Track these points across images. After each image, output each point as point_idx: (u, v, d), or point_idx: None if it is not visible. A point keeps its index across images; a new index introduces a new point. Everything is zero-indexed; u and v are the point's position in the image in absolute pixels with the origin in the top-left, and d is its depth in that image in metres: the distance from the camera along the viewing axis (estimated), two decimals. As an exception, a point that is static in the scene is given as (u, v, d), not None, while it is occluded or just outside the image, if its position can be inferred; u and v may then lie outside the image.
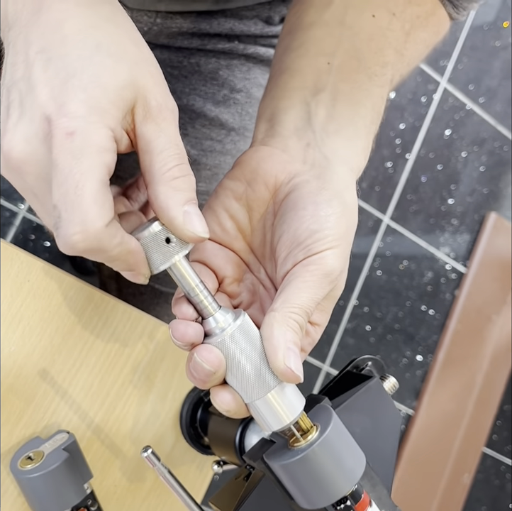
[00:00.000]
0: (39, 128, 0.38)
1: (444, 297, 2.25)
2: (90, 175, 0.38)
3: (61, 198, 0.38)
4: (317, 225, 0.47)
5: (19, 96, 0.40)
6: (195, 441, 0.69)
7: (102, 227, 0.38)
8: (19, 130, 0.39)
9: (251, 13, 0.82)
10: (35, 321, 0.62)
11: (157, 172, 0.41)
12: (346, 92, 0.55)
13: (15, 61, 0.41)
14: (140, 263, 0.42)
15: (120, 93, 0.39)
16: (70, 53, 0.39)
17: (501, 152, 2.34)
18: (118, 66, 0.40)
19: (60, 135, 0.37)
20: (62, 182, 0.37)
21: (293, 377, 0.44)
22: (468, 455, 2.25)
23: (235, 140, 0.87)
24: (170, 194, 0.41)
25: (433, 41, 0.66)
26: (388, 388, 0.58)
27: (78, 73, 0.39)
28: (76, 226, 0.37)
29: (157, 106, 0.41)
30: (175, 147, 0.42)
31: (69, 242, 0.38)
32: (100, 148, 0.38)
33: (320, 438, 0.46)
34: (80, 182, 0.37)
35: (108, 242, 0.39)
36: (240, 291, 0.52)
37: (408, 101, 2.17)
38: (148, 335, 0.67)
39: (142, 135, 0.41)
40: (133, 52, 0.42)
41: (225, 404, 0.46)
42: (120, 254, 0.40)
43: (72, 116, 0.38)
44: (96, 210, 0.38)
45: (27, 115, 0.39)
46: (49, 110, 0.38)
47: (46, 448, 0.60)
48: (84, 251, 0.39)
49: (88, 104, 0.38)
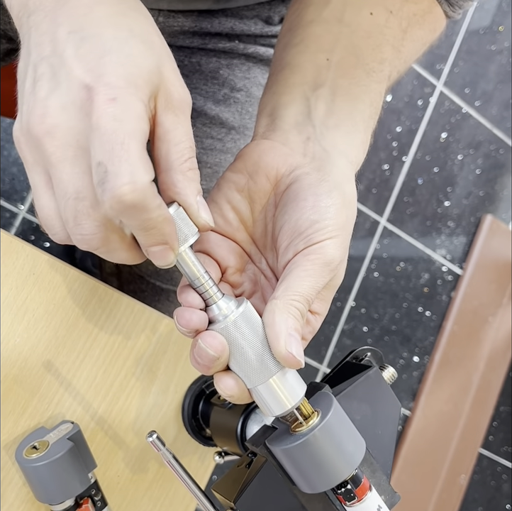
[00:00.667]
0: (77, 96, 0.39)
1: (441, 299, 2.26)
2: (133, 136, 0.39)
3: (106, 154, 0.38)
4: (317, 215, 0.49)
5: (51, 70, 0.41)
6: (197, 433, 0.70)
7: (148, 181, 0.39)
8: (54, 98, 0.40)
9: (251, 12, 0.83)
10: (40, 313, 0.63)
11: (175, 161, 0.43)
12: (345, 88, 0.56)
13: (41, 41, 0.42)
14: (174, 235, 0.43)
15: (151, 76, 0.41)
16: (105, 33, 0.41)
17: (497, 155, 2.36)
18: (149, 52, 0.41)
19: (102, 100, 0.39)
20: (106, 141, 0.38)
21: (295, 362, 0.46)
22: (464, 456, 2.26)
23: (236, 139, 0.88)
24: (187, 183, 0.43)
25: (430, 39, 0.67)
26: (387, 378, 0.59)
27: (114, 51, 0.40)
28: (125, 176, 0.38)
29: (179, 98, 0.43)
30: (190, 140, 0.43)
31: (117, 194, 0.38)
32: (139, 116, 0.39)
33: (321, 423, 0.47)
34: (126, 139, 0.38)
35: (151, 200, 0.39)
36: (242, 281, 0.53)
37: (404, 104, 2.19)
38: (151, 328, 0.68)
39: (162, 123, 0.42)
40: (159, 44, 0.43)
41: (229, 390, 0.47)
42: (158, 219, 0.41)
43: (113, 85, 0.39)
44: (143, 164, 0.39)
45: (63, 85, 0.40)
46: (87, 79, 0.39)
47: (51, 437, 0.61)
48: (130, 205, 0.39)
49: (126, 78, 0.39)
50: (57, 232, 0.44)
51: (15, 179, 1.64)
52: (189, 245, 0.45)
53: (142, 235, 0.42)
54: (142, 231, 0.41)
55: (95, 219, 0.41)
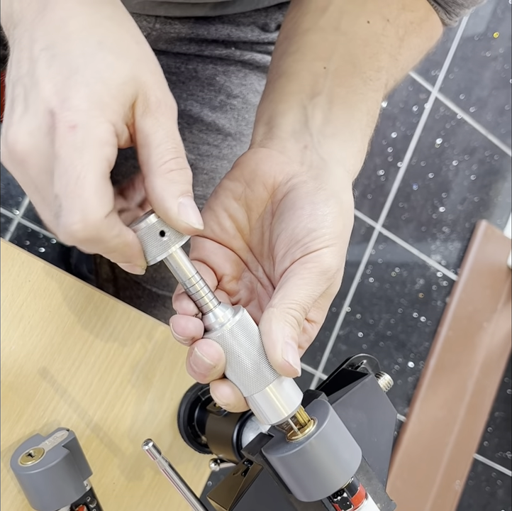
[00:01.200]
0: (42, 122, 0.39)
1: (436, 304, 2.26)
2: (91, 167, 0.39)
3: (62, 188, 0.39)
4: (314, 224, 0.49)
5: (24, 91, 0.41)
6: (192, 440, 0.70)
7: (101, 217, 0.39)
8: (23, 124, 0.40)
9: (248, 19, 0.84)
10: (36, 320, 0.63)
11: (154, 164, 0.42)
12: (342, 96, 0.56)
13: (20, 57, 0.42)
14: (137, 255, 0.43)
15: (121, 88, 0.40)
16: (73, 50, 0.41)
17: (492, 161, 2.36)
18: (120, 62, 0.41)
19: (63, 128, 0.39)
20: (63, 173, 0.38)
21: (291, 370, 0.46)
22: (459, 462, 2.26)
23: (232, 145, 0.88)
24: (166, 185, 0.42)
25: (426, 46, 0.67)
26: (383, 385, 0.59)
27: (81, 69, 0.40)
28: (76, 214, 0.38)
29: (156, 101, 0.42)
30: (172, 141, 0.43)
31: (69, 231, 0.39)
32: (101, 142, 0.39)
33: (317, 431, 0.47)
34: (82, 173, 0.38)
35: (106, 233, 0.40)
36: (239, 289, 0.53)
37: (399, 110, 2.19)
38: (147, 335, 0.68)
39: (141, 129, 0.42)
40: (134, 50, 0.43)
41: (225, 398, 0.47)
42: (117, 246, 0.41)
43: (75, 109, 0.39)
44: (97, 200, 0.39)
45: (31, 109, 0.40)
46: (52, 104, 0.39)
47: (46, 445, 0.61)
48: (83, 240, 0.40)
49: (90, 99, 0.39)
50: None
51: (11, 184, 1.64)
52: (179, 246, 0.45)
53: (106, 255, 0.43)
54: (104, 253, 0.42)
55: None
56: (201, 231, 0.44)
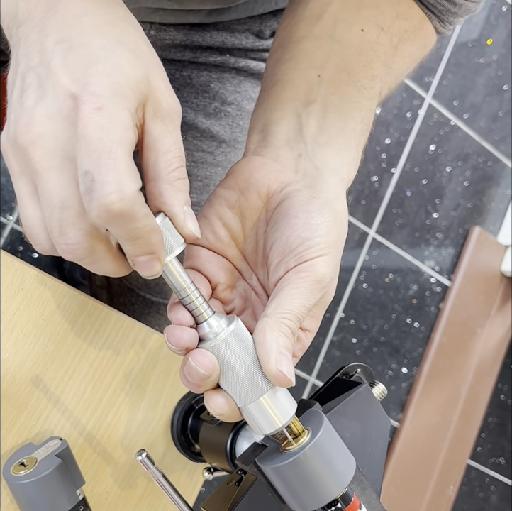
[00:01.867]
0: (63, 105, 0.39)
1: (429, 310, 2.26)
2: (120, 144, 0.39)
3: (93, 163, 0.38)
4: (308, 233, 0.49)
5: (38, 79, 0.41)
6: (186, 449, 0.69)
7: (136, 190, 0.39)
8: (41, 108, 0.40)
9: (242, 26, 0.84)
10: (29, 328, 0.62)
11: (163, 170, 0.42)
12: (336, 104, 0.56)
13: (29, 51, 0.42)
14: (161, 245, 0.42)
15: (138, 85, 0.41)
16: (92, 42, 0.41)
17: (485, 167, 2.37)
18: (137, 61, 0.41)
19: (88, 109, 0.38)
20: (93, 150, 0.38)
21: (286, 380, 0.45)
22: (453, 468, 2.26)
23: (226, 152, 0.88)
24: (174, 193, 0.43)
25: (420, 54, 0.68)
26: (377, 394, 0.59)
27: (101, 60, 0.40)
28: (112, 185, 0.38)
29: (167, 108, 0.43)
30: (179, 149, 0.43)
31: (105, 202, 0.38)
32: (125, 125, 0.39)
33: (311, 441, 0.47)
34: (112, 148, 0.38)
35: (138, 209, 0.39)
36: (233, 297, 0.53)
37: (393, 116, 2.20)
38: (140, 343, 0.68)
39: (150, 132, 0.42)
40: (148, 54, 0.43)
41: (219, 408, 0.47)
42: (145, 228, 0.40)
43: (98, 94, 0.39)
44: (130, 173, 0.39)
45: (49, 94, 0.40)
46: (73, 89, 0.39)
47: (39, 454, 0.60)
48: (117, 214, 0.38)
49: (112, 87, 0.39)
50: (41, 242, 0.44)
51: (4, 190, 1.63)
52: (175, 256, 0.45)
53: (129, 245, 0.41)
54: (128, 241, 0.41)
55: (80, 228, 0.40)
56: (199, 238, 0.45)
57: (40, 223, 0.43)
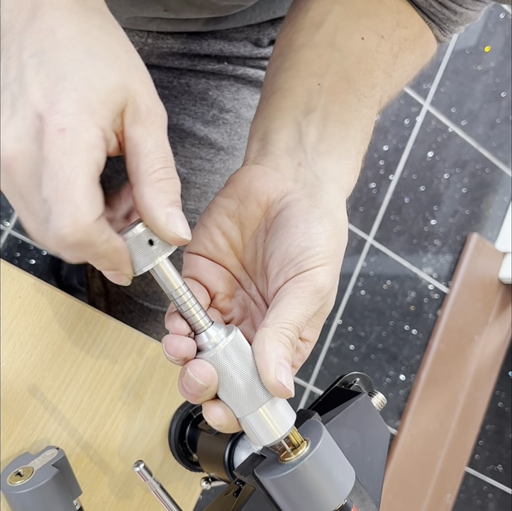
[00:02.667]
0: (30, 125, 0.39)
1: (427, 317, 2.26)
2: (80, 171, 0.38)
3: (51, 191, 0.38)
4: (308, 242, 0.48)
5: (11, 96, 0.40)
6: (183, 458, 0.69)
7: (92, 221, 0.39)
8: (10, 129, 0.39)
9: (240, 35, 0.83)
10: (26, 337, 0.62)
11: (143, 173, 0.42)
12: (336, 113, 0.56)
13: (7, 65, 0.41)
14: (125, 263, 0.42)
15: (110, 95, 0.40)
16: (62, 57, 0.40)
17: (483, 174, 2.37)
18: (109, 70, 0.41)
19: (51, 131, 0.38)
20: (52, 177, 0.38)
21: (285, 391, 0.45)
22: (451, 475, 2.25)
23: (224, 159, 0.88)
24: (154, 195, 0.42)
25: (420, 63, 0.67)
26: (377, 404, 0.58)
27: (69, 75, 0.39)
28: (66, 218, 0.38)
29: (146, 110, 0.42)
30: (161, 150, 0.42)
31: (59, 234, 0.38)
32: (90, 145, 0.39)
33: (310, 452, 0.46)
34: (71, 176, 0.38)
35: (96, 237, 0.39)
36: (232, 307, 0.52)
37: (391, 123, 2.20)
38: (138, 352, 0.67)
39: (131, 137, 0.42)
40: (124, 58, 0.42)
41: (217, 419, 0.46)
42: (106, 251, 0.40)
43: (64, 113, 0.38)
44: (87, 204, 0.38)
45: (19, 113, 0.39)
46: (40, 107, 0.39)
47: (35, 464, 0.60)
48: (73, 245, 0.39)
49: (79, 103, 0.39)
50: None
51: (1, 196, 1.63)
52: (166, 257, 0.44)
53: (93, 262, 0.42)
54: (91, 260, 0.42)
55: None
56: (188, 241, 0.44)
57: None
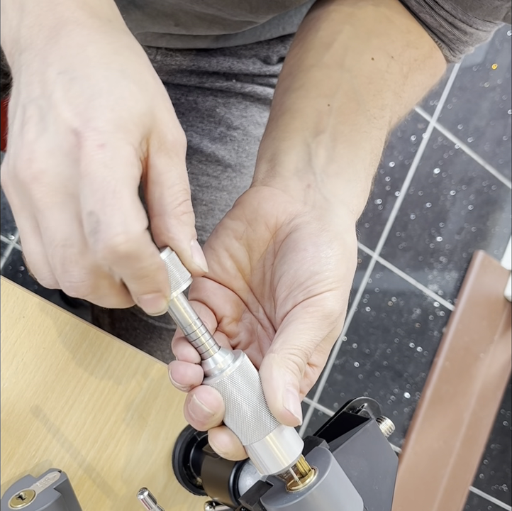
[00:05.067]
0: (64, 141, 0.38)
1: (433, 335, 2.25)
2: (125, 183, 0.38)
3: (98, 203, 0.37)
4: (317, 266, 0.48)
5: (39, 112, 0.39)
6: (187, 481, 0.68)
7: (142, 230, 0.38)
8: (42, 143, 0.39)
9: (249, 52, 0.83)
10: (29, 357, 0.61)
11: (169, 205, 0.41)
12: (346, 134, 0.55)
13: (30, 81, 0.40)
14: (166, 282, 0.41)
15: (142, 119, 0.40)
16: (95, 74, 0.39)
17: (489, 191, 2.36)
18: (141, 94, 0.40)
19: (91, 146, 0.37)
20: (97, 189, 0.37)
21: (292, 419, 0.44)
22: (455, 494, 2.23)
23: (232, 177, 0.87)
24: (181, 228, 0.42)
25: (430, 83, 0.67)
26: (385, 430, 0.57)
27: (104, 93, 0.39)
28: (117, 226, 0.37)
29: (172, 140, 0.41)
30: (184, 182, 0.42)
31: (110, 244, 0.37)
32: (129, 161, 0.38)
33: (318, 481, 0.46)
34: (117, 187, 0.37)
35: (145, 248, 0.38)
36: (239, 330, 0.52)
37: (397, 139, 2.20)
38: (142, 373, 0.66)
39: (155, 165, 0.41)
40: (153, 84, 0.42)
41: (223, 447, 0.45)
42: (151, 267, 0.39)
43: (101, 130, 0.38)
44: (136, 213, 0.38)
45: (50, 129, 0.39)
46: (75, 124, 0.38)
47: (37, 487, 0.59)
48: (123, 255, 0.38)
49: (115, 123, 0.38)
50: (45, 277, 0.43)
51: (6, 209, 1.63)
52: (181, 291, 0.44)
53: (134, 283, 0.40)
54: (134, 279, 0.40)
55: (83, 267, 0.40)
56: (206, 273, 0.44)
57: (43, 258, 0.42)
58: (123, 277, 0.40)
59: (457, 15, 0.61)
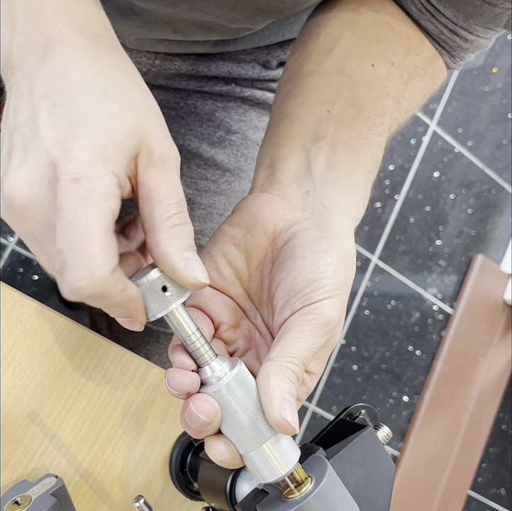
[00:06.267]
0: (44, 173, 0.38)
1: (431, 338, 2.24)
2: (96, 221, 0.37)
3: (66, 243, 0.37)
4: (316, 274, 0.47)
5: (22, 140, 0.39)
6: (184, 487, 0.68)
7: (108, 273, 0.38)
8: (22, 174, 0.38)
9: (249, 56, 0.83)
10: (26, 362, 0.61)
11: (157, 219, 0.41)
12: (345, 141, 0.55)
13: (18, 104, 0.40)
14: (139, 310, 0.42)
15: (125, 140, 0.39)
16: (76, 99, 0.39)
17: (489, 195, 2.36)
18: (124, 113, 0.40)
19: (66, 180, 0.37)
20: (67, 228, 0.37)
21: (289, 428, 0.44)
22: (453, 498, 2.23)
23: (230, 181, 0.87)
24: (170, 241, 0.41)
25: (430, 90, 0.67)
26: (382, 437, 0.57)
27: (84, 119, 0.38)
28: (82, 271, 0.37)
29: (160, 155, 0.41)
30: (175, 196, 0.41)
31: (74, 288, 0.37)
32: (105, 194, 0.38)
33: (314, 490, 0.45)
34: (87, 227, 0.37)
35: (112, 288, 0.38)
36: (236, 337, 0.51)
37: (397, 142, 2.19)
38: (139, 378, 0.66)
39: (144, 182, 0.41)
40: (139, 100, 0.41)
41: (220, 455, 0.45)
42: (121, 300, 0.40)
43: (78, 161, 0.37)
44: (103, 256, 0.37)
45: (31, 159, 0.38)
46: (54, 155, 0.38)
47: (33, 492, 0.59)
48: (89, 297, 0.38)
49: (93, 150, 0.38)
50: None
51: (6, 211, 1.62)
52: (181, 303, 0.43)
53: (107, 311, 0.41)
54: (105, 308, 0.41)
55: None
56: (207, 285, 0.43)
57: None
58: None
59: (457, 22, 0.61)
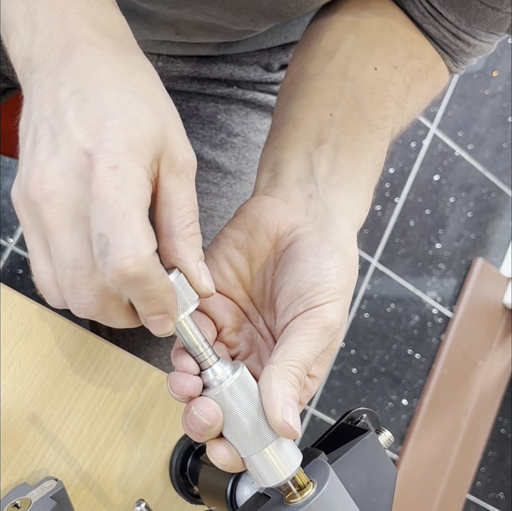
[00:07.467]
0: (76, 162, 0.38)
1: (431, 341, 2.24)
2: (136, 205, 0.38)
3: (108, 225, 0.37)
4: (318, 278, 0.47)
5: (51, 132, 0.39)
6: (184, 490, 0.67)
7: (151, 253, 0.38)
8: (53, 163, 0.39)
9: (251, 59, 0.83)
10: (27, 364, 0.61)
11: (177, 226, 0.41)
12: (348, 144, 0.55)
13: (42, 100, 0.40)
14: (174, 304, 0.41)
15: (154, 140, 0.40)
16: (108, 95, 0.39)
17: (489, 199, 2.36)
18: (154, 115, 0.40)
19: (102, 168, 0.37)
20: (107, 211, 0.37)
21: (291, 432, 0.44)
22: (452, 502, 2.23)
23: (231, 183, 0.87)
24: (189, 249, 0.42)
25: (433, 94, 0.67)
26: (384, 442, 0.57)
27: (117, 114, 0.39)
28: (127, 249, 0.37)
29: (183, 161, 0.41)
30: (193, 204, 0.42)
31: (119, 267, 0.37)
32: (141, 183, 0.38)
33: (316, 494, 0.45)
34: (128, 210, 0.37)
35: (153, 271, 0.38)
36: (238, 341, 0.51)
37: (397, 145, 2.19)
38: (140, 380, 0.66)
39: (165, 187, 0.41)
40: (164, 105, 0.42)
41: (221, 459, 0.45)
42: (159, 289, 0.39)
43: (113, 151, 0.38)
44: (146, 236, 0.38)
45: (62, 149, 0.39)
46: (88, 145, 0.38)
47: (33, 495, 0.58)
48: (132, 278, 0.38)
49: (127, 144, 0.38)
50: (53, 298, 0.43)
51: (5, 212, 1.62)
52: (189, 314, 0.43)
53: (142, 305, 0.40)
54: (142, 301, 0.40)
55: (93, 288, 0.40)
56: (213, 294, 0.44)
57: (52, 279, 0.42)
58: (131, 299, 0.41)
59: (460, 26, 0.61)
